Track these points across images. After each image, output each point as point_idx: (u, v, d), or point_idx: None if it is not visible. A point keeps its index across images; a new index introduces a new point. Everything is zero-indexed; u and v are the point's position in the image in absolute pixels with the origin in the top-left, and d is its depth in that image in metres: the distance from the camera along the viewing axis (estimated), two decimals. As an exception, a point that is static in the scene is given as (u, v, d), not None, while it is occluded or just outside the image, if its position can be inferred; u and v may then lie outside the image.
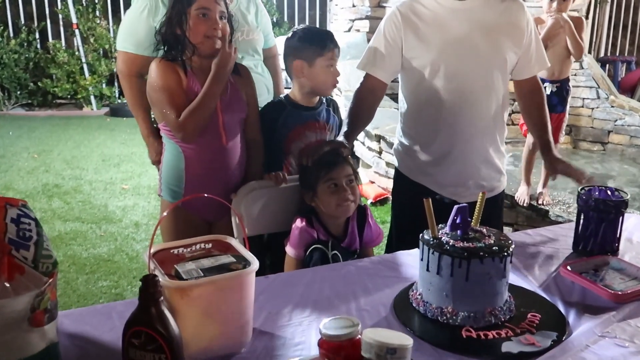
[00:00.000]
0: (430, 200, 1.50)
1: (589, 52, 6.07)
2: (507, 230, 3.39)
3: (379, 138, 4.64)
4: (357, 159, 5.05)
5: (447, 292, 1.42)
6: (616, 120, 5.20)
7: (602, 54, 7.91)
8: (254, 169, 2.18)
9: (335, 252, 1.91)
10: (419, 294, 1.49)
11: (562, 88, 4.00)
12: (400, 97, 2.22)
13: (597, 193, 1.82)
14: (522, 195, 3.73)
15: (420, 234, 1.51)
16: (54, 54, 7.89)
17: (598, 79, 5.32)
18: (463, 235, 1.47)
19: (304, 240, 1.93)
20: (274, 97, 2.59)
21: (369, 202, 4.45)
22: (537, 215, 3.61)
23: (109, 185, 4.75)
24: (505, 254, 1.42)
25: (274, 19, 7.88)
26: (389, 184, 4.49)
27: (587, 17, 4.84)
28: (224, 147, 2.05)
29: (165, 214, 1.31)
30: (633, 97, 6.32)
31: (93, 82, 7.80)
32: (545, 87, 3.89)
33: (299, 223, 1.94)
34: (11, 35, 7.95)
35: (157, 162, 2.44)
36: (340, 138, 2.02)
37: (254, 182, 2.13)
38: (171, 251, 1.33)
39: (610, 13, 8.00)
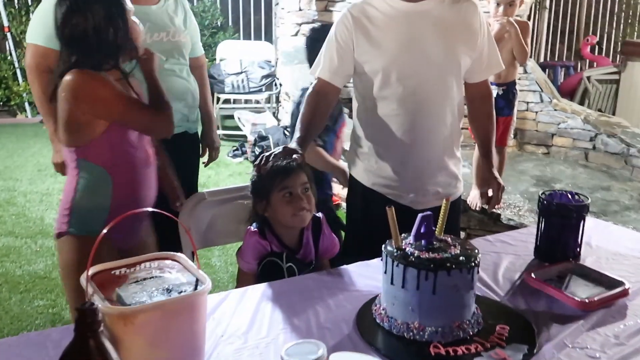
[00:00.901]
0: (393, 208, 1.41)
1: (530, 57, 6.19)
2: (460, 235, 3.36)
3: (328, 143, 4.56)
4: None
5: (413, 307, 1.34)
6: (559, 123, 5.29)
7: (541, 59, 8.10)
8: (168, 177, 2.07)
9: (290, 264, 1.81)
10: (383, 309, 1.40)
11: (508, 91, 4.01)
12: (354, 101, 2.15)
13: (558, 198, 1.79)
14: (473, 199, 3.71)
15: (383, 245, 1.43)
16: (-17, 59, 7.48)
17: (541, 83, 5.41)
18: (428, 246, 1.40)
19: (256, 253, 1.82)
20: (200, 106, 2.49)
21: (319, 209, 4.36)
22: (489, 219, 3.60)
23: (46, 196, 4.48)
24: (473, 264, 1.35)
25: (219, 23, 7.71)
26: (341, 190, 4.41)
27: (528, 23, 4.90)
28: (149, 159, 1.91)
29: (99, 239, 1.11)
30: (572, 101, 6.47)
31: (27, 89, 7.43)
32: (491, 90, 3.91)
33: (250, 235, 1.83)
34: (-63, 39, 7.50)
35: (61, 165, 2.24)
36: (293, 145, 1.92)
37: (204, 192, 2.01)
38: (112, 272, 1.20)
39: (549, 20, 8.21)
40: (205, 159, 2.67)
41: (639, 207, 4.07)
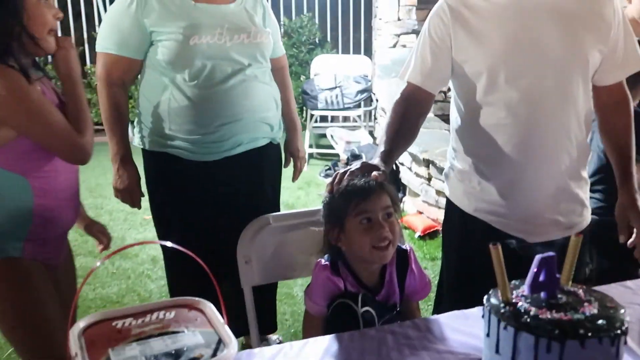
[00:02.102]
0: (499, 247, 1.03)
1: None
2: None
3: (427, 163, 4.18)
4: (403, 186, 4.59)
5: (529, 389, 0.94)
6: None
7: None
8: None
9: (367, 308, 1.46)
10: (485, 387, 1.01)
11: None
12: (453, 110, 1.81)
13: None
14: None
15: (485, 296, 1.04)
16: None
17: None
18: (550, 300, 0.99)
19: (327, 292, 1.49)
20: (283, 112, 2.20)
21: (416, 235, 3.97)
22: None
23: (130, 215, 4.38)
24: (619, 331, 0.93)
25: (317, 40, 7.52)
26: (440, 215, 4.01)
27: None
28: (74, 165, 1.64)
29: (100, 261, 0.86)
30: None
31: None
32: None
33: (320, 269, 1.50)
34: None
35: (125, 190, 2.12)
36: (376, 160, 1.58)
37: (268, 215, 1.70)
38: (113, 323, 0.90)
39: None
40: (288, 172, 2.40)
41: None
